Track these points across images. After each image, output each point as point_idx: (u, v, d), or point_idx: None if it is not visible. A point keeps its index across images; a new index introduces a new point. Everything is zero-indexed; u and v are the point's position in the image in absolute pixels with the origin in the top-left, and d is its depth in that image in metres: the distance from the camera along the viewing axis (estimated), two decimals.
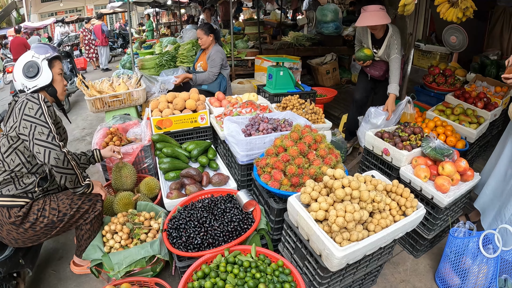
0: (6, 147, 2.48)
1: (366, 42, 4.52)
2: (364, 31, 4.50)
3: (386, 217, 2.24)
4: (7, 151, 2.47)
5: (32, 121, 2.39)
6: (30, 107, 2.41)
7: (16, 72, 2.57)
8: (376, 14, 4.02)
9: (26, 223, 2.46)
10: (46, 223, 2.52)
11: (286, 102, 4.69)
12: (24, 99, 2.44)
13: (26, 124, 2.38)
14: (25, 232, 2.48)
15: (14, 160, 2.47)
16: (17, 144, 2.47)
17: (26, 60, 2.59)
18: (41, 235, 2.56)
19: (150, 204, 3.14)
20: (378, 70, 4.56)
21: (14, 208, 2.43)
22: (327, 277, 2.20)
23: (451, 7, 3.53)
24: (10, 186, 2.46)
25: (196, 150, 3.67)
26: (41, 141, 2.37)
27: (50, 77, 2.64)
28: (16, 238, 2.48)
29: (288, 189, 2.58)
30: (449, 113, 3.97)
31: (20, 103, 2.43)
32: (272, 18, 12.90)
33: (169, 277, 2.94)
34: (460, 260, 2.63)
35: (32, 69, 2.57)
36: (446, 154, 2.86)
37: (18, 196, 2.46)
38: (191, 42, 7.22)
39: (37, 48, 2.66)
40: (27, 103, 2.42)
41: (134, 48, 9.87)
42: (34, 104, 2.43)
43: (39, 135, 2.37)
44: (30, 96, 2.46)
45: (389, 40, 4.26)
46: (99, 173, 4.31)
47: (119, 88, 4.88)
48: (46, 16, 29.45)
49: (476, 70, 5.18)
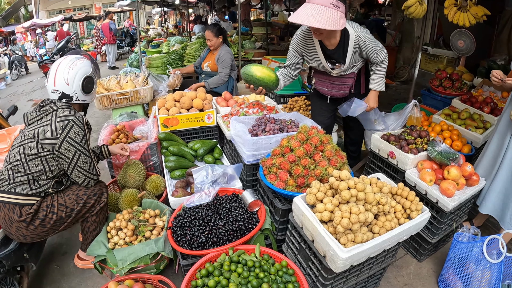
0: (33, 152, 2.46)
1: (310, 55, 3.21)
2: (307, 38, 3.12)
3: (391, 219, 2.23)
4: (32, 156, 2.46)
5: (77, 148, 2.52)
6: (76, 132, 2.49)
7: (74, 79, 2.60)
8: (324, 11, 2.60)
9: (36, 220, 2.48)
10: (55, 219, 2.54)
11: (292, 103, 4.71)
12: (70, 119, 2.48)
13: (70, 148, 2.49)
14: (34, 229, 2.50)
15: (37, 166, 2.47)
16: (45, 154, 2.48)
17: (87, 73, 2.67)
18: (49, 230, 2.58)
19: (155, 201, 3.15)
20: (343, 88, 3.35)
21: (26, 206, 2.44)
22: (330, 278, 2.20)
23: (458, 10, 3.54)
24: (24, 186, 2.46)
25: (202, 149, 3.68)
26: (84, 170, 2.61)
27: (94, 97, 2.83)
28: (25, 234, 2.50)
29: (293, 190, 2.58)
30: (455, 118, 3.96)
31: (66, 122, 2.47)
32: (279, 19, 12.94)
33: (172, 274, 2.95)
34: (464, 265, 2.62)
35: (90, 86, 2.70)
36: (452, 158, 2.86)
37: (31, 195, 2.47)
38: (198, 42, 7.25)
39: (95, 66, 2.80)
40: (73, 126, 2.48)
41: (142, 47, 9.90)
42: (80, 129, 2.51)
43: (83, 164, 2.59)
44: (75, 118, 2.50)
45: (356, 47, 3.04)
46: (105, 170, 4.32)
47: (126, 86, 4.90)
48: (54, 13, 29.54)
49: (483, 75, 5.16)
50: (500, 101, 4.27)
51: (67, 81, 2.57)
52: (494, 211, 3.00)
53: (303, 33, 3.13)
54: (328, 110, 3.71)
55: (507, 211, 2.91)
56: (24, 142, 2.48)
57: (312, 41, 3.10)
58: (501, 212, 2.96)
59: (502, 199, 2.94)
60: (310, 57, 3.23)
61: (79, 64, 2.64)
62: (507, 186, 2.90)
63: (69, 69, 2.58)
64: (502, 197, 2.93)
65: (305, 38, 3.14)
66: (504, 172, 2.90)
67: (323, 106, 3.68)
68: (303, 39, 3.16)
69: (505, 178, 2.90)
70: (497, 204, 2.97)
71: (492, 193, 2.97)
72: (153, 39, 14.22)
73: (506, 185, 2.90)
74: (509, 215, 2.90)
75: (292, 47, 3.26)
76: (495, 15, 6.08)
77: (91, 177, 2.66)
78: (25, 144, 2.47)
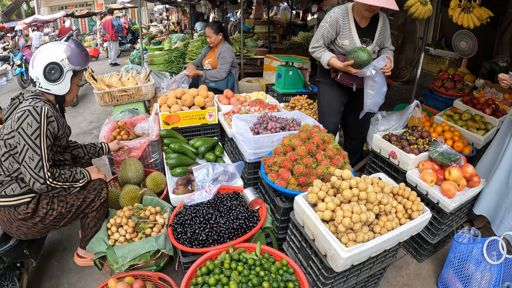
0: (3, 151, 2.37)
1: (344, 33, 3.38)
2: (345, 17, 3.34)
3: (392, 219, 2.23)
4: (4, 155, 2.38)
5: (26, 141, 2.26)
6: (29, 123, 2.26)
7: (38, 62, 2.42)
8: None
9: (36, 218, 2.46)
10: (55, 215, 2.53)
11: (294, 102, 4.71)
12: (27, 109, 2.28)
13: (20, 141, 2.27)
14: (34, 226, 2.48)
15: (13, 165, 2.38)
16: (15, 151, 2.35)
17: (54, 59, 2.43)
18: (50, 227, 2.58)
19: (156, 199, 3.15)
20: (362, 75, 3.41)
21: (22, 206, 2.40)
22: (331, 277, 2.20)
23: (462, 11, 3.53)
24: (13, 185, 2.39)
25: (203, 147, 3.68)
26: (29, 167, 2.28)
27: (67, 89, 2.55)
28: (26, 232, 2.49)
29: (295, 189, 2.59)
30: (457, 119, 3.96)
31: (22, 112, 2.27)
32: (282, 18, 12.93)
33: (172, 272, 2.95)
34: (464, 266, 2.62)
35: (54, 73, 2.45)
36: (453, 159, 2.86)
37: (23, 193, 2.41)
38: (200, 39, 7.26)
39: (72, 53, 2.48)
40: (28, 117, 2.26)
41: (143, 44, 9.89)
42: (34, 121, 2.27)
43: (29, 160, 2.28)
44: (32, 108, 2.28)
45: (382, 26, 3.46)
46: (105, 166, 4.32)
47: (128, 82, 4.90)
48: (56, 9, 29.52)
49: (485, 76, 5.17)
50: (501, 103, 4.27)
51: (32, 64, 2.44)
52: (488, 211, 3.00)
53: (337, 15, 3.34)
54: (339, 110, 3.85)
55: (499, 213, 2.91)
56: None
57: (347, 21, 3.34)
58: (494, 213, 2.96)
59: (496, 200, 2.94)
60: (344, 35, 3.39)
61: (50, 48, 2.46)
62: (502, 187, 2.89)
63: (39, 52, 2.45)
64: (496, 198, 2.93)
65: (341, 19, 3.34)
66: (500, 173, 2.90)
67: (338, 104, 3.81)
68: (338, 20, 3.34)
69: (501, 179, 2.90)
70: (490, 205, 2.97)
71: (487, 194, 2.97)
72: (154, 36, 14.22)
73: (501, 186, 2.90)
74: (500, 217, 2.90)
75: (324, 29, 3.40)
76: (497, 17, 6.08)
77: (36, 179, 2.29)
78: None
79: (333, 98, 3.79)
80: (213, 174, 3.03)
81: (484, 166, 3.20)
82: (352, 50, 3.25)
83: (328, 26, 3.36)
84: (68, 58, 2.47)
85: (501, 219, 2.87)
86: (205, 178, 3.00)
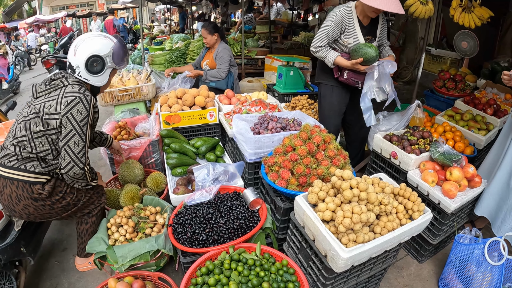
0: (39, 129, 2.35)
1: (349, 31, 3.41)
2: (350, 15, 3.36)
3: (392, 220, 2.23)
4: (37, 133, 2.35)
5: (74, 126, 2.33)
6: (79, 110, 2.33)
7: (82, 51, 2.45)
8: None
9: (47, 201, 2.44)
10: (63, 204, 2.53)
11: (295, 102, 4.70)
12: (78, 96, 2.34)
13: (67, 125, 2.32)
14: (42, 208, 2.46)
15: (43, 145, 2.37)
16: (51, 132, 2.36)
17: (99, 53, 2.48)
18: (53, 214, 2.56)
19: (156, 198, 3.14)
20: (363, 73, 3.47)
21: (37, 184, 2.38)
22: (331, 278, 2.19)
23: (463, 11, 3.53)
24: (35, 163, 2.38)
25: (204, 147, 3.68)
26: (72, 152, 2.36)
27: (104, 82, 2.61)
28: (31, 213, 2.45)
29: (295, 189, 2.58)
30: (458, 119, 3.95)
31: (72, 98, 2.33)
32: (283, 18, 12.92)
33: (172, 272, 2.95)
34: (465, 266, 2.61)
35: (96, 66, 2.50)
36: (454, 159, 2.85)
37: (42, 173, 2.40)
38: (201, 39, 7.23)
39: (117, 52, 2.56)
40: (78, 104, 2.33)
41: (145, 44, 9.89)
42: (84, 109, 2.35)
43: (74, 145, 2.35)
44: (83, 96, 2.35)
45: (382, 24, 3.55)
46: (106, 166, 4.32)
47: (128, 82, 4.91)
48: (58, 9, 29.57)
49: (486, 77, 5.16)
50: (503, 103, 4.26)
51: (75, 52, 2.45)
52: (488, 213, 2.97)
53: (343, 13, 3.35)
54: (340, 112, 3.87)
55: (500, 214, 2.88)
56: (30, 117, 2.36)
57: (352, 19, 3.36)
58: (495, 214, 2.94)
59: (497, 201, 2.92)
60: (349, 33, 3.41)
61: (96, 40, 2.50)
62: (503, 189, 2.87)
63: (84, 42, 2.46)
64: (498, 199, 2.91)
65: (346, 18, 3.35)
66: (501, 173, 2.88)
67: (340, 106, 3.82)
68: (344, 19, 3.35)
69: (502, 180, 2.88)
70: (491, 206, 2.95)
71: (488, 194, 2.95)
72: (156, 36, 14.22)
73: (503, 188, 2.88)
74: (500, 218, 2.88)
75: (329, 28, 3.39)
76: (498, 17, 6.07)
77: (77, 163, 2.37)
78: (31, 119, 2.35)
79: (334, 100, 3.78)
80: (214, 174, 3.03)
81: (487, 167, 3.19)
82: (358, 47, 3.26)
83: (333, 25, 3.35)
84: (113, 56, 2.54)
85: (502, 220, 2.86)
86: (205, 178, 2.99)
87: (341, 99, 3.78)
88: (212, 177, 3.02)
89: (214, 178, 3.04)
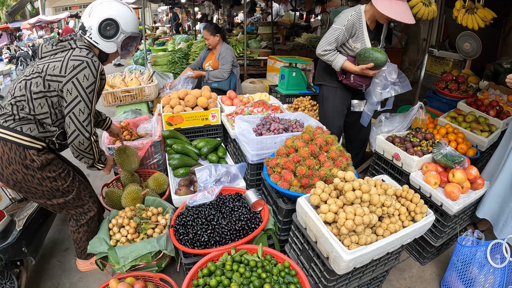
0: (39, 89, 2.25)
1: (357, 36, 3.40)
2: (360, 20, 3.35)
3: (395, 222, 2.22)
4: (37, 94, 2.26)
5: (80, 93, 2.24)
6: (86, 75, 2.23)
7: (98, 13, 2.35)
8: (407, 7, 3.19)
9: (38, 173, 2.36)
10: (52, 186, 2.45)
11: (297, 103, 4.70)
12: (85, 60, 2.24)
13: (73, 90, 2.23)
14: (31, 180, 2.38)
15: (42, 107, 2.29)
16: (51, 94, 2.27)
17: (115, 17, 2.38)
18: (39, 193, 2.47)
19: (158, 199, 3.14)
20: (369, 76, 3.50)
21: (32, 149, 2.30)
22: (333, 280, 2.19)
23: (466, 12, 3.52)
24: (31, 126, 2.29)
25: (206, 148, 3.68)
26: (77, 120, 2.27)
27: (113, 49, 2.49)
28: (18, 180, 2.36)
29: (297, 190, 2.57)
30: (461, 120, 3.94)
31: (79, 62, 2.22)
32: (285, 19, 12.94)
33: (174, 273, 2.95)
34: (467, 269, 2.60)
35: (110, 30, 2.39)
36: (457, 161, 2.84)
37: (37, 138, 2.32)
38: (203, 41, 7.25)
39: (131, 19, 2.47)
40: (85, 69, 2.23)
41: (147, 45, 9.91)
42: (91, 75, 2.25)
43: (79, 112, 2.26)
44: (91, 61, 2.25)
45: (385, 28, 3.57)
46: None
47: (131, 83, 4.91)
48: (60, 10, 29.64)
49: (489, 78, 5.14)
50: (506, 105, 4.24)
51: (90, 13, 2.35)
52: (490, 215, 2.94)
53: (354, 18, 3.33)
54: (343, 113, 3.86)
55: (502, 217, 2.85)
56: (32, 77, 2.27)
57: (362, 24, 3.36)
58: (497, 217, 2.91)
59: (499, 204, 2.88)
60: (358, 38, 3.41)
61: (113, 5, 2.40)
62: (506, 191, 2.84)
63: (101, 4, 2.37)
64: (500, 202, 2.87)
65: (357, 23, 3.35)
66: (504, 176, 2.85)
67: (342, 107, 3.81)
68: (354, 24, 3.34)
69: (505, 182, 2.84)
70: (493, 208, 2.92)
71: (490, 196, 2.92)
72: (158, 37, 14.25)
73: (505, 190, 2.85)
74: (503, 221, 2.85)
75: (339, 32, 3.35)
76: (501, 18, 6.05)
77: (82, 132, 2.29)
78: (32, 79, 2.26)
79: (338, 101, 3.77)
80: (216, 175, 3.03)
81: (491, 169, 3.18)
82: (366, 52, 3.27)
83: (344, 29, 3.32)
84: (128, 24, 2.45)
85: (504, 223, 2.84)
86: (207, 179, 2.99)
87: (344, 100, 3.78)
88: (214, 178, 3.02)
89: (216, 179, 3.04)
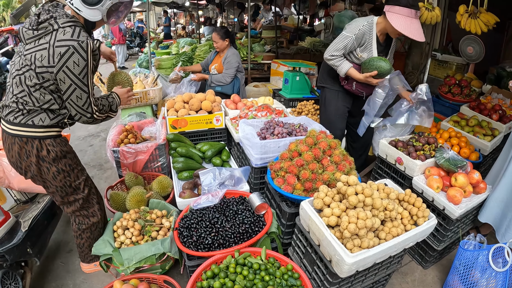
0: (34, 82, 2.18)
1: (366, 47, 3.44)
2: (371, 32, 3.39)
3: (397, 225, 2.24)
4: (34, 87, 2.20)
5: (74, 80, 2.17)
6: (75, 61, 2.12)
7: None
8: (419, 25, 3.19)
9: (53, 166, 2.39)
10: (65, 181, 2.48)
11: (301, 107, 4.71)
12: (71, 45, 2.09)
13: (65, 79, 2.15)
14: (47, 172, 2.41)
15: (44, 96, 2.24)
16: (47, 84, 2.20)
17: None
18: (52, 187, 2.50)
19: (163, 202, 3.16)
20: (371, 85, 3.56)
21: (48, 139, 2.32)
22: (336, 283, 2.20)
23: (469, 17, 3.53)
24: (42, 115, 2.28)
25: (210, 151, 3.70)
26: (76, 105, 2.26)
27: (98, 17, 2.28)
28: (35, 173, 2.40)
29: (301, 194, 2.59)
30: (463, 124, 3.95)
31: (66, 48, 2.09)
32: (289, 23, 12.95)
33: (177, 275, 2.96)
34: (469, 273, 2.61)
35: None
36: (459, 165, 2.86)
37: (52, 126, 2.32)
38: (208, 44, 7.30)
39: None
40: (73, 55, 2.10)
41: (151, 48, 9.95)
42: (81, 59, 2.13)
43: (76, 99, 2.23)
44: (77, 44, 2.10)
45: (394, 43, 3.62)
46: (112, 169, 4.34)
47: (135, 86, 4.93)
48: None
49: (492, 82, 5.14)
50: (509, 109, 4.24)
51: None
52: (493, 220, 2.94)
53: (365, 29, 3.36)
54: (345, 116, 3.91)
55: (504, 221, 2.85)
56: (23, 71, 2.19)
57: (372, 36, 3.39)
58: (499, 221, 2.91)
59: (502, 208, 2.88)
60: (366, 49, 3.45)
61: None
62: (508, 195, 2.84)
63: None
64: (503, 206, 2.87)
65: (367, 34, 3.38)
66: (506, 180, 2.85)
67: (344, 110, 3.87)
68: (365, 34, 3.37)
69: (507, 186, 2.84)
70: (496, 213, 2.91)
71: (492, 201, 2.91)
72: (162, 40, 14.29)
73: (508, 194, 2.84)
74: (505, 225, 2.85)
75: (349, 41, 3.37)
76: (504, 22, 6.05)
77: (83, 114, 2.30)
78: (25, 73, 2.19)
79: (340, 104, 3.82)
80: (220, 179, 3.05)
81: (494, 174, 3.18)
82: (371, 60, 3.30)
83: (354, 38, 3.35)
84: None
85: (506, 227, 2.84)
86: (211, 182, 3.01)
87: (346, 103, 3.83)
88: (218, 181, 3.04)
89: (220, 183, 3.06)
